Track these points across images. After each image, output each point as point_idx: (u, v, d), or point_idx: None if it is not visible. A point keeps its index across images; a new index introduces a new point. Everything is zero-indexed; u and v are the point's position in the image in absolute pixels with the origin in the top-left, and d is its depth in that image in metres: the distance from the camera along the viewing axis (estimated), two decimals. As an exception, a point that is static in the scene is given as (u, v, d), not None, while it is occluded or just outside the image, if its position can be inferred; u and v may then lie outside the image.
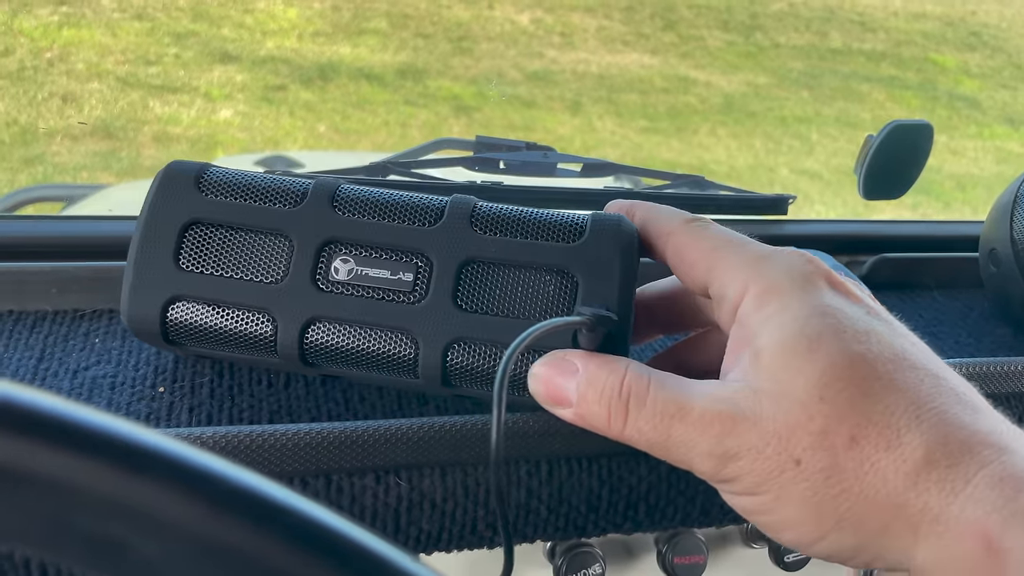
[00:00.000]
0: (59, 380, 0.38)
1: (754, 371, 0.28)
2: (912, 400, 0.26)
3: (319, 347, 0.35)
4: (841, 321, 0.28)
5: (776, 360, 0.27)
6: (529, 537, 0.36)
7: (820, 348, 0.27)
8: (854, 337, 0.27)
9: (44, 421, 0.14)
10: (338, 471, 0.33)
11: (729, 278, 0.30)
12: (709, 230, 0.33)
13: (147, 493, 0.14)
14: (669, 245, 0.33)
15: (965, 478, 0.25)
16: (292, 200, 0.36)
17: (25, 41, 4.37)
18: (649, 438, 0.29)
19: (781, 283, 0.29)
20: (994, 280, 0.54)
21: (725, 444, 0.27)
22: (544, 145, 0.58)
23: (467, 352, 0.34)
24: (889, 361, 0.27)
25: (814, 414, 0.26)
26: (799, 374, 0.27)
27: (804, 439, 0.26)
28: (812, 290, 0.29)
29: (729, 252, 0.31)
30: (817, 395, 0.27)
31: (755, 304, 0.29)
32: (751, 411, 0.27)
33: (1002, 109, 5.35)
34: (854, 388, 0.26)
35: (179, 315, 0.35)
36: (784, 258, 0.30)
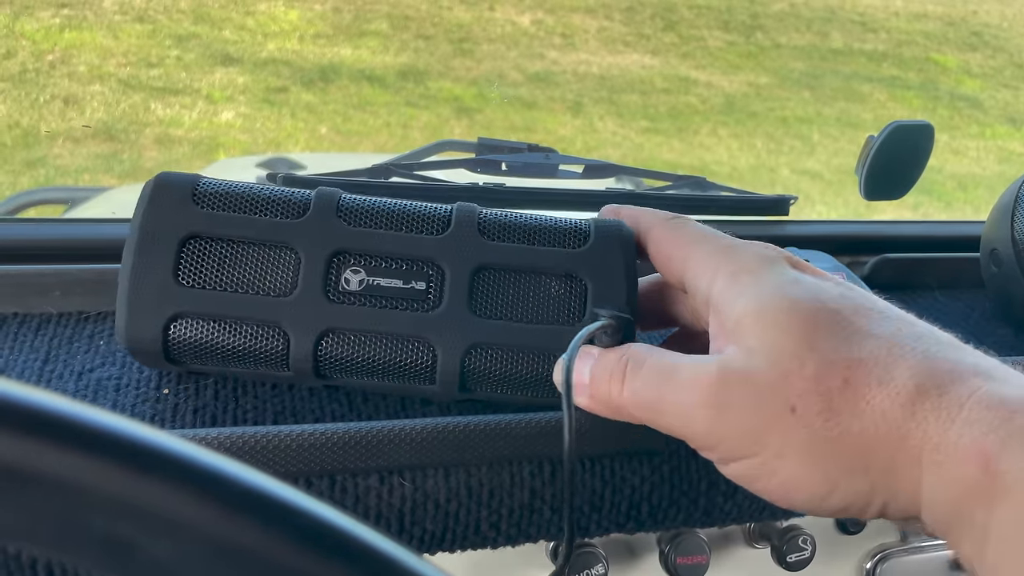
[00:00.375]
0: (64, 382, 0.38)
1: (738, 336, 0.29)
2: (894, 343, 0.27)
3: (333, 359, 0.35)
4: (813, 287, 0.30)
5: (759, 321, 0.29)
6: (532, 537, 0.36)
7: (800, 307, 0.28)
8: (828, 297, 0.29)
9: (51, 421, 0.14)
10: (342, 472, 0.33)
11: (702, 267, 0.32)
12: (686, 227, 0.35)
13: (156, 493, 0.14)
14: (650, 242, 0.35)
15: (958, 404, 0.26)
16: (295, 212, 0.35)
17: (27, 44, 4.38)
18: (643, 398, 0.30)
19: (750, 264, 0.31)
20: (995, 280, 0.54)
21: (718, 396, 0.28)
22: (546, 147, 0.58)
23: (485, 357, 0.35)
24: (865, 315, 0.28)
25: (804, 362, 0.27)
26: (784, 330, 0.28)
27: (797, 386, 0.27)
28: (780, 268, 0.31)
29: (701, 244, 0.33)
30: (806, 345, 0.28)
31: (727, 283, 0.31)
32: (742, 366, 0.28)
33: (1003, 109, 5.35)
34: (838, 337, 0.28)
35: (182, 333, 0.34)
36: (750, 246, 0.32)
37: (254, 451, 0.32)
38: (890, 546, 0.56)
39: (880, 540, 0.56)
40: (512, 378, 0.35)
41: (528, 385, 0.35)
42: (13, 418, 0.14)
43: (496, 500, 0.34)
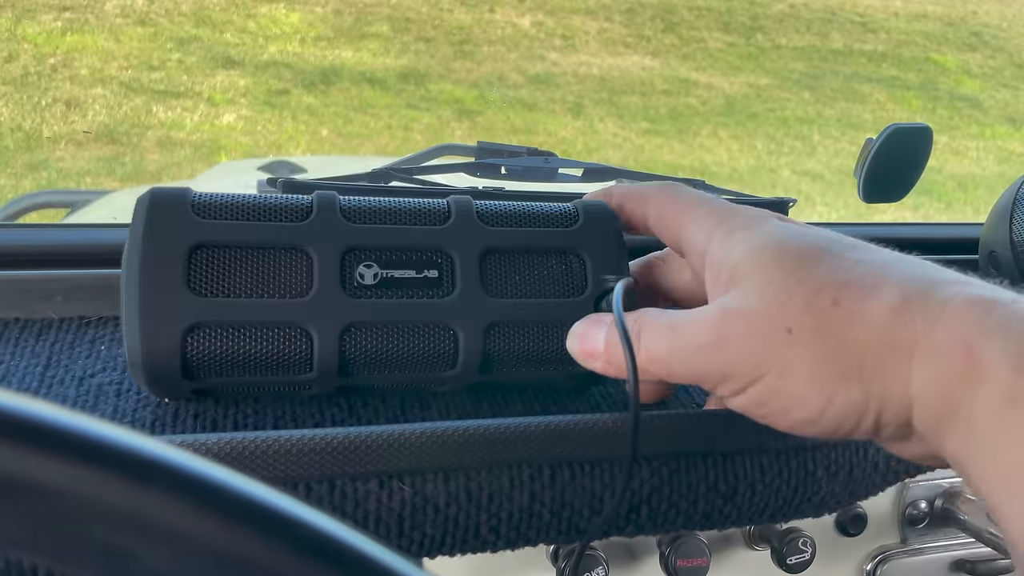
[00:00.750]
0: (65, 387, 0.38)
1: (734, 282, 0.31)
2: (880, 266, 0.30)
3: (358, 354, 0.35)
4: (801, 230, 0.32)
5: (752, 265, 0.31)
6: (532, 541, 0.36)
7: (788, 246, 0.31)
8: (817, 235, 0.32)
9: (51, 433, 0.14)
10: (342, 476, 0.33)
11: (698, 226, 0.35)
12: (682, 192, 0.37)
13: (156, 504, 0.14)
14: (650, 209, 0.38)
15: (942, 304, 0.27)
16: (298, 215, 0.36)
17: (29, 47, 4.39)
18: (655, 353, 0.32)
19: (743, 221, 0.33)
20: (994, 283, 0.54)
21: (720, 333, 0.30)
22: (545, 150, 0.58)
23: (504, 334, 0.37)
24: (851, 247, 0.31)
25: (795, 291, 0.29)
26: (775, 267, 0.30)
27: (791, 310, 0.29)
28: (771, 221, 0.33)
29: (698, 206, 0.35)
30: (795, 277, 0.30)
31: (723, 239, 0.33)
32: (739, 304, 0.31)
33: (1003, 109, 5.35)
34: (826, 266, 0.30)
35: (201, 344, 0.33)
36: (743, 207, 0.35)
37: (254, 456, 0.32)
38: (890, 548, 0.56)
39: (880, 542, 0.56)
40: (531, 353, 0.37)
41: (546, 359, 0.37)
42: (13, 430, 0.14)
43: (495, 504, 0.35)
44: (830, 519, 0.54)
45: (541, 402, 0.40)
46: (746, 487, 0.38)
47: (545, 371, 0.38)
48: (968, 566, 0.56)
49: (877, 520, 0.55)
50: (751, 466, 0.38)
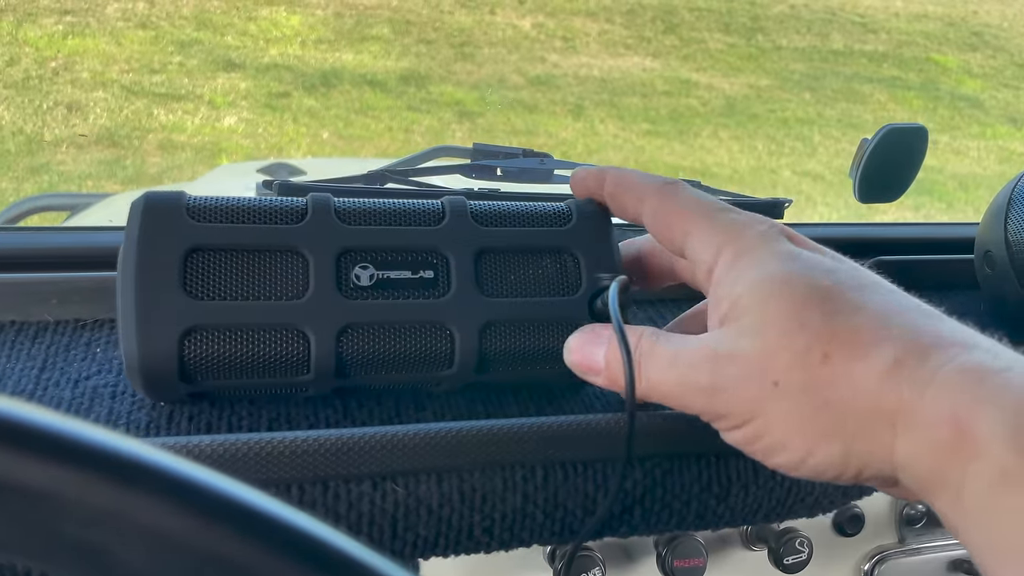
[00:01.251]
0: (61, 390, 0.38)
1: (735, 315, 0.31)
2: (880, 316, 0.29)
3: (355, 355, 0.35)
4: (808, 263, 0.31)
5: (753, 300, 0.30)
6: (526, 541, 0.36)
7: (792, 284, 0.30)
8: (823, 274, 0.30)
9: (35, 434, 0.14)
10: (335, 478, 0.33)
11: (704, 243, 0.33)
12: (683, 194, 0.35)
13: (137, 505, 0.14)
14: (646, 208, 0.36)
15: (933, 371, 0.27)
16: (293, 218, 0.36)
17: (30, 51, 4.40)
18: (656, 387, 0.32)
19: (750, 243, 0.32)
20: (990, 282, 0.54)
21: (712, 379, 0.30)
22: (540, 152, 0.58)
23: (500, 334, 0.37)
24: (857, 289, 0.30)
25: (790, 338, 0.29)
26: (775, 308, 0.30)
27: (781, 362, 0.29)
28: (778, 246, 0.32)
29: (702, 217, 0.34)
30: (795, 321, 0.29)
31: (729, 264, 0.32)
32: (732, 347, 0.30)
33: (1004, 109, 5.34)
34: (825, 313, 0.29)
35: (198, 347, 0.33)
36: (750, 224, 0.33)
37: (247, 458, 0.32)
38: (888, 548, 0.56)
39: (878, 542, 0.56)
40: (526, 352, 0.37)
41: (541, 358, 0.38)
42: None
43: (489, 505, 0.35)
44: (827, 519, 0.54)
45: (536, 403, 0.40)
46: (739, 488, 0.38)
47: (540, 370, 0.39)
48: (965, 566, 0.56)
49: (874, 520, 0.55)
50: (744, 467, 0.38)
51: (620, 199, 0.38)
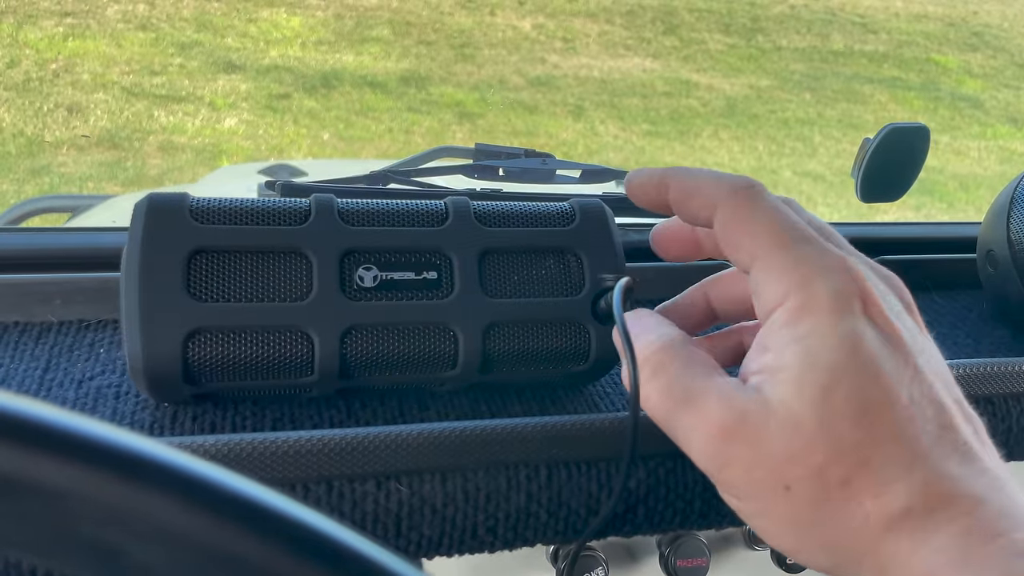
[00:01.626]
0: (64, 390, 0.38)
1: (771, 386, 0.28)
2: (910, 451, 0.27)
3: (358, 356, 0.35)
4: (864, 358, 0.28)
5: (793, 385, 0.28)
6: (530, 541, 0.36)
7: (837, 386, 0.27)
8: (874, 379, 0.27)
9: (48, 432, 0.14)
10: (339, 477, 0.33)
11: (770, 280, 0.30)
12: (760, 205, 0.31)
13: (150, 503, 0.14)
14: (717, 217, 0.32)
15: (935, 528, 0.26)
16: (296, 219, 0.36)
17: (31, 53, 4.40)
18: (655, 411, 0.30)
19: (818, 302, 0.28)
20: (992, 281, 0.54)
21: (723, 448, 0.28)
22: (543, 152, 0.58)
23: (503, 335, 0.37)
24: (900, 408, 0.27)
25: (815, 449, 0.27)
26: (811, 407, 0.27)
27: (799, 469, 0.27)
28: (845, 315, 0.28)
29: (776, 248, 0.30)
30: (823, 432, 0.27)
31: (788, 317, 0.29)
32: (755, 426, 0.28)
33: (1005, 109, 5.34)
34: (859, 432, 0.27)
35: (202, 349, 0.33)
36: (827, 274, 0.29)
37: (251, 458, 0.32)
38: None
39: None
40: (530, 353, 0.37)
41: (544, 358, 0.38)
42: (10, 429, 0.14)
43: (493, 504, 0.35)
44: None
45: (539, 402, 0.41)
46: (743, 486, 0.38)
47: (544, 370, 0.39)
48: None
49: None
50: (748, 465, 0.38)
51: (688, 207, 0.33)
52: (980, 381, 0.44)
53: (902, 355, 0.28)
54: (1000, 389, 0.44)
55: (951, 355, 0.50)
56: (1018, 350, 0.51)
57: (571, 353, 0.38)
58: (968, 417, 0.29)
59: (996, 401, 0.44)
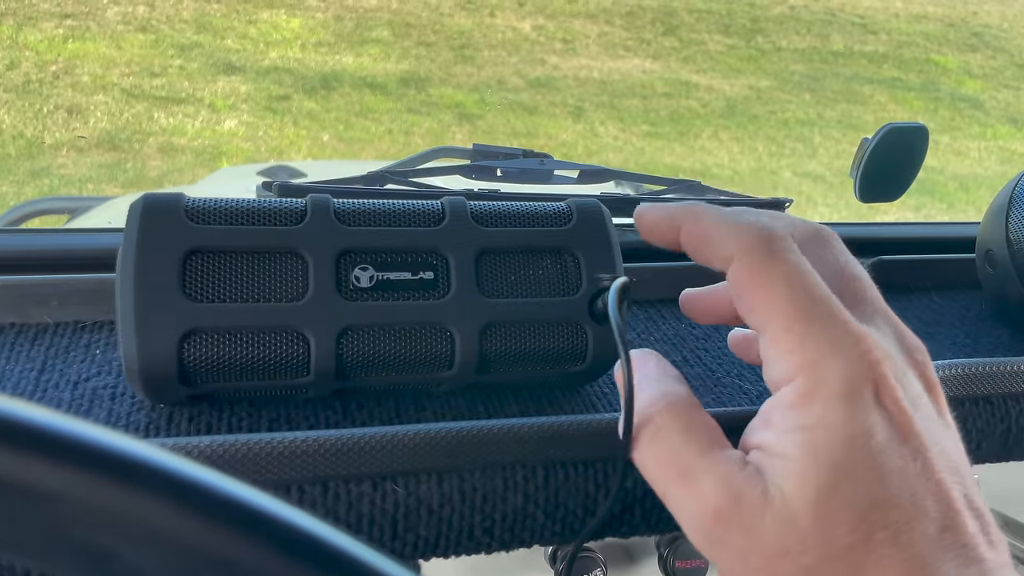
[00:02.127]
0: (60, 391, 0.38)
1: (771, 472, 0.27)
2: (909, 556, 0.26)
3: (355, 357, 0.35)
4: (870, 458, 0.26)
5: (794, 479, 0.27)
6: (526, 542, 0.36)
7: (838, 488, 0.26)
8: (880, 478, 0.26)
9: (39, 434, 0.14)
10: (335, 478, 0.33)
11: (780, 354, 0.28)
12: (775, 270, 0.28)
13: (145, 507, 0.14)
14: (732, 273, 0.30)
15: None
16: (292, 219, 0.36)
17: (31, 54, 4.40)
18: (650, 478, 0.29)
19: (829, 388, 0.27)
20: (991, 281, 0.54)
21: (714, 530, 0.27)
22: (540, 152, 0.58)
23: (500, 335, 0.37)
24: (903, 510, 0.26)
25: (809, 549, 0.26)
26: (809, 505, 0.26)
27: (790, 566, 0.26)
28: (858, 407, 0.27)
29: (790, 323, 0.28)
30: (817, 533, 0.26)
31: (795, 399, 0.27)
32: (751, 514, 0.27)
33: (1005, 109, 5.35)
34: (858, 535, 0.26)
35: (197, 350, 0.33)
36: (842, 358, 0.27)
37: (247, 458, 0.32)
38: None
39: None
40: (527, 353, 0.37)
41: (541, 358, 0.38)
42: (1, 432, 0.14)
43: (489, 505, 0.34)
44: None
45: (536, 403, 0.40)
46: (741, 487, 0.37)
47: (541, 370, 0.38)
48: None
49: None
50: (746, 466, 0.38)
51: (701, 253, 0.31)
52: (978, 381, 0.43)
53: (911, 449, 0.27)
54: (998, 389, 0.44)
55: (949, 355, 0.50)
56: (1017, 349, 0.51)
57: (568, 353, 0.38)
58: (977, 512, 0.27)
59: (995, 400, 0.44)
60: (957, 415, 0.43)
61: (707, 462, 0.28)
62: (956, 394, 0.43)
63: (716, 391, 0.43)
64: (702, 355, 0.47)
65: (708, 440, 0.29)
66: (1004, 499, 0.55)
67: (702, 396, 0.42)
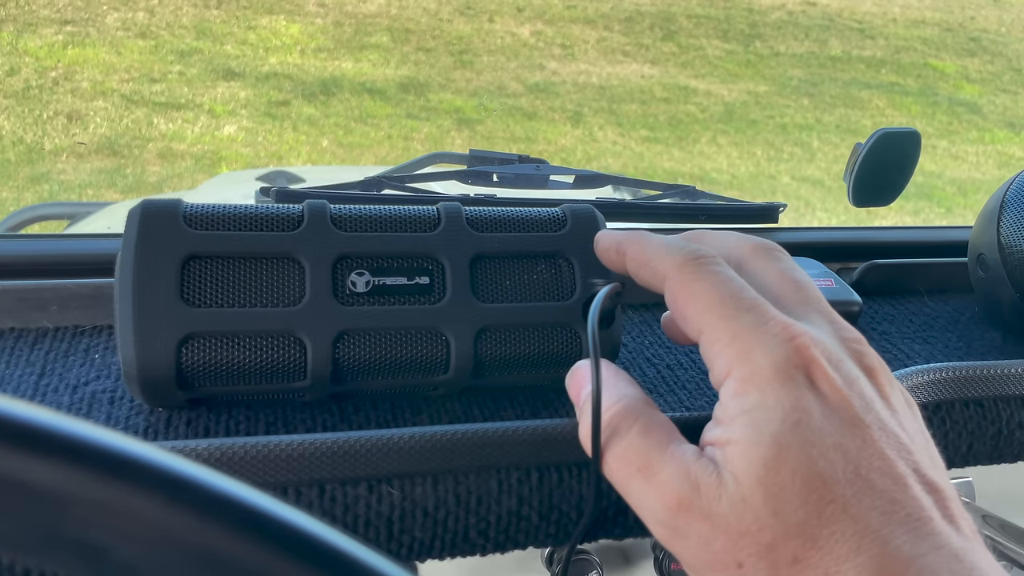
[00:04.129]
0: (59, 395, 0.39)
1: (723, 459, 0.28)
2: (860, 528, 0.26)
3: (351, 361, 0.36)
4: (809, 434, 0.27)
5: (742, 460, 0.28)
6: (521, 544, 0.36)
7: (781, 462, 0.27)
8: (821, 453, 0.27)
9: (31, 432, 0.14)
10: (331, 481, 0.33)
11: (715, 353, 0.30)
12: (703, 279, 0.31)
13: (139, 504, 0.14)
14: (666, 290, 0.32)
15: None
16: (288, 225, 0.36)
17: (30, 60, 4.41)
18: (614, 478, 0.30)
19: (762, 374, 0.28)
20: (983, 285, 0.54)
21: (677, 520, 0.28)
22: (536, 158, 0.59)
23: (495, 339, 0.37)
24: (848, 484, 0.27)
25: (765, 527, 0.27)
26: (758, 483, 0.27)
27: (751, 546, 0.27)
28: (791, 387, 0.28)
29: (719, 322, 0.30)
30: (770, 509, 0.27)
31: (735, 389, 0.29)
32: (709, 500, 0.28)
33: (1002, 113, 5.36)
34: (808, 509, 0.27)
35: (195, 354, 0.34)
36: (770, 345, 0.29)
37: (244, 461, 0.32)
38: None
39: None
40: (521, 357, 0.38)
41: (536, 362, 0.38)
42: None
43: (484, 507, 0.35)
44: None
45: (531, 406, 0.41)
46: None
47: (535, 374, 0.39)
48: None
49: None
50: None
51: (641, 276, 0.34)
52: (971, 384, 0.44)
53: (849, 426, 0.28)
54: (990, 392, 0.44)
55: (942, 358, 0.50)
56: (1009, 353, 0.52)
57: (562, 357, 0.38)
58: (931, 487, 0.28)
59: (986, 403, 0.44)
60: (949, 417, 0.44)
61: (666, 455, 0.29)
62: (948, 397, 0.44)
63: (710, 394, 0.43)
64: (696, 359, 0.47)
65: (665, 436, 0.30)
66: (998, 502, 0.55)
67: (696, 399, 0.43)
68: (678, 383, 0.45)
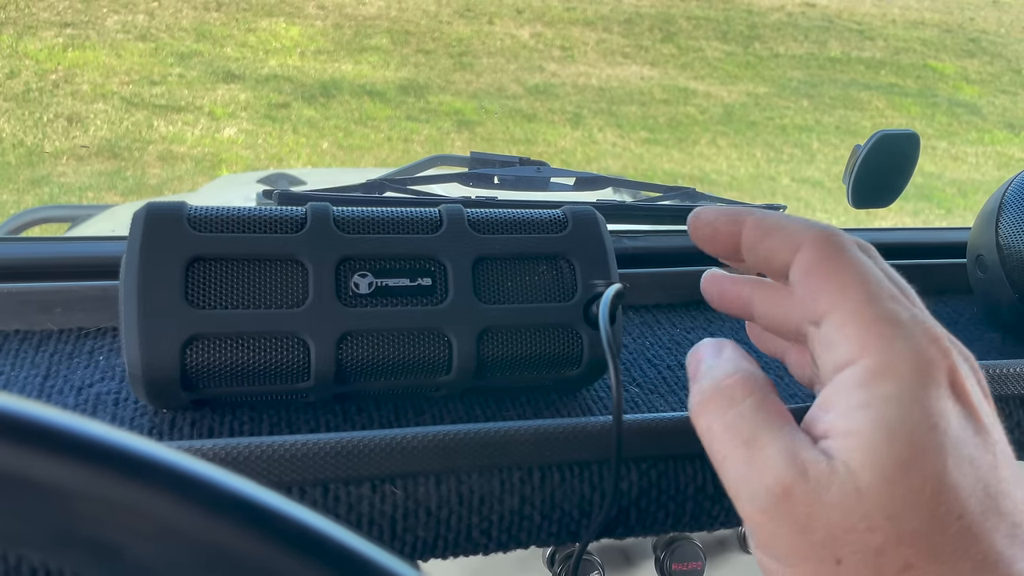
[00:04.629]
0: (64, 397, 0.39)
1: (838, 448, 0.26)
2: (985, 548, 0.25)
3: (355, 362, 0.36)
4: (947, 442, 0.25)
5: (865, 454, 0.26)
6: (523, 543, 0.37)
7: (916, 465, 0.25)
8: (956, 464, 0.25)
9: (45, 431, 0.15)
10: (335, 480, 0.33)
11: (844, 335, 0.27)
12: (846, 256, 0.29)
13: (146, 499, 0.15)
14: (797, 259, 0.29)
15: None
16: (292, 227, 0.37)
17: (31, 63, 4.42)
18: (713, 448, 0.29)
19: (900, 367, 0.26)
20: (982, 285, 0.54)
21: (775, 504, 0.26)
22: (537, 160, 0.59)
23: (497, 340, 0.37)
24: (978, 501, 0.25)
25: (876, 527, 0.25)
26: (882, 481, 0.25)
27: (855, 544, 0.25)
28: (931, 389, 0.26)
29: (860, 303, 0.27)
30: (888, 512, 0.25)
31: (864, 378, 0.26)
32: (816, 488, 0.26)
33: (1002, 114, 5.36)
34: (932, 520, 0.25)
35: (200, 356, 0.34)
36: (914, 337, 0.26)
37: (248, 461, 0.32)
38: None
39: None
40: (523, 358, 0.38)
41: (537, 363, 0.38)
42: (8, 428, 0.14)
43: (486, 507, 0.35)
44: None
45: (533, 406, 0.41)
46: (734, 489, 0.38)
47: (537, 375, 0.39)
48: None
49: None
50: (739, 468, 0.38)
51: (763, 245, 0.31)
52: (969, 384, 0.44)
53: (984, 441, 0.26)
54: (992, 392, 0.44)
55: (941, 358, 0.50)
56: (1008, 353, 0.52)
57: (564, 358, 0.39)
58: None
59: (985, 403, 0.44)
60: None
61: (776, 434, 0.27)
62: (947, 397, 0.44)
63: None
64: (697, 359, 0.47)
65: (780, 418, 0.28)
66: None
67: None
68: (679, 383, 0.45)
